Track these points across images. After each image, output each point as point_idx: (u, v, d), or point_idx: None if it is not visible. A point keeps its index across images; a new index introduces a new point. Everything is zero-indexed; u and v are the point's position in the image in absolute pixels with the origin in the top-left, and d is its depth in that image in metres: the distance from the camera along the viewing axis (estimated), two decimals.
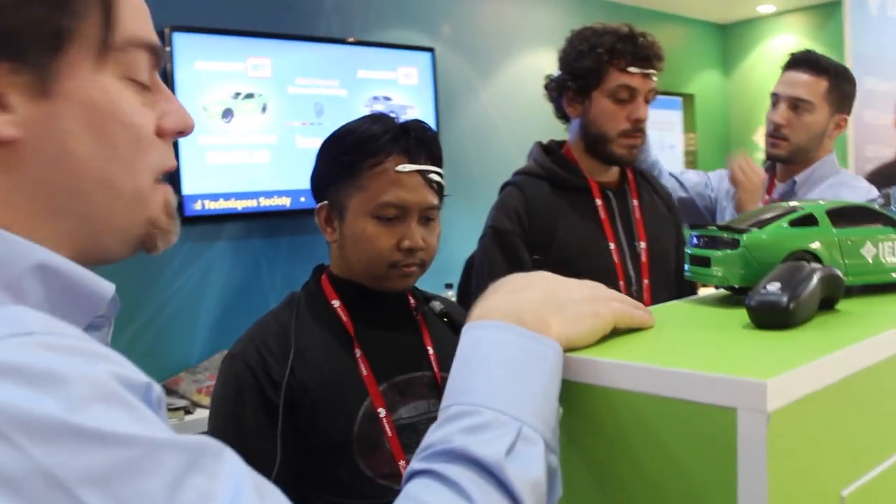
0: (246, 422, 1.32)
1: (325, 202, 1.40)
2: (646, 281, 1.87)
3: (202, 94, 2.85)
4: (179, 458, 0.46)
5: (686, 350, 0.63)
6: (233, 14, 2.99)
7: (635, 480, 0.59)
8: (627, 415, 0.59)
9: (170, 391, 2.58)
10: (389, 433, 1.31)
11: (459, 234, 2.83)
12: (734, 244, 0.82)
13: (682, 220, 2.07)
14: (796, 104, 2.17)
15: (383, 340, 1.41)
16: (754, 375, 0.52)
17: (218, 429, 1.35)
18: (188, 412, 2.45)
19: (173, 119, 0.65)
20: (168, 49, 2.73)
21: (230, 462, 0.48)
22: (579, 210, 1.86)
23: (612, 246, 1.84)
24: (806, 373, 0.54)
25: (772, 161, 2.27)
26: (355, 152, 1.35)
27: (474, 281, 1.89)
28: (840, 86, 2.19)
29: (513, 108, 4.02)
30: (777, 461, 0.52)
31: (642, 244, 1.87)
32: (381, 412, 1.32)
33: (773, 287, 0.70)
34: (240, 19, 3.01)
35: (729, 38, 5.61)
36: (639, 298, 1.84)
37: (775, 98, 2.22)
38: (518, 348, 0.61)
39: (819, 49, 5.04)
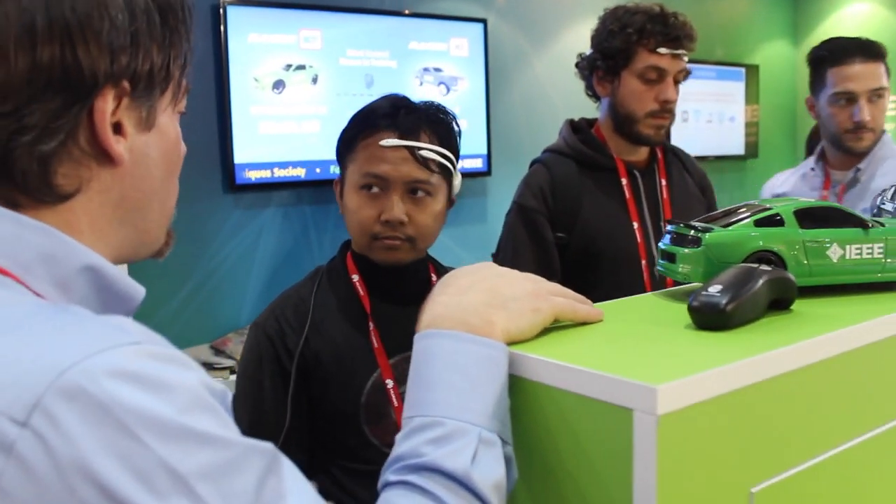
0: (264, 387, 1.41)
1: (339, 177, 1.48)
2: None
3: (255, 65, 2.94)
4: (262, 460, 0.53)
5: (611, 349, 0.67)
6: None
7: (554, 468, 0.64)
8: (550, 407, 0.64)
9: (218, 351, 2.71)
10: (396, 403, 1.38)
11: (508, 206, 2.87)
12: (697, 242, 0.85)
13: (715, 198, 2.07)
14: (875, 95, 2.11)
15: (398, 315, 1.47)
16: (651, 380, 0.56)
17: (241, 391, 1.45)
18: (233, 371, 2.57)
19: (184, 151, 0.75)
20: (222, 21, 2.82)
21: (287, 465, 0.56)
22: (604, 189, 1.88)
23: (635, 225, 1.86)
24: (701, 380, 0.57)
25: (851, 154, 2.16)
26: (353, 128, 1.42)
27: (499, 255, 1.93)
28: (886, 61, 2.14)
29: (566, 80, 3.97)
30: (668, 458, 0.56)
31: None
32: (389, 383, 1.39)
33: (715, 289, 0.73)
34: None
35: (800, 7, 5.42)
36: (661, 277, 1.86)
37: (849, 96, 2.11)
38: (470, 356, 0.66)
39: None
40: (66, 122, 0.61)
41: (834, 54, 2.14)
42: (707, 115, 4.54)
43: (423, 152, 1.38)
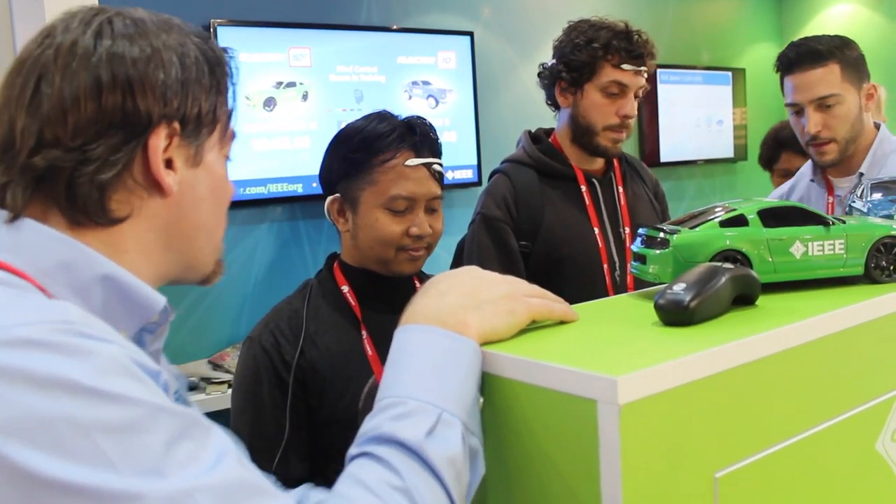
0: (262, 399, 1.45)
1: (338, 195, 1.52)
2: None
3: (245, 84, 2.99)
4: (175, 422, 0.59)
5: (580, 346, 0.71)
6: (274, 7, 3.11)
7: (527, 459, 0.68)
8: (522, 402, 0.68)
9: (216, 366, 2.74)
10: None
11: None
12: (665, 244, 0.89)
13: (668, 206, 2.12)
14: (823, 104, 1.95)
15: (389, 322, 1.48)
16: (613, 372, 0.60)
17: (238, 405, 1.49)
18: (231, 385, 2.60)
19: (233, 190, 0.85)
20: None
21: (217, 436, 0.61)
22: (565, 197, 1.93)
23: (596, 231, 1.91)
24: (661, 371, 0.61)
25: (822, 168, 2.05)
26: (365, 150, 1.46)
27: (465, 265, 1.98)
28: (848, 58, 1.95)
29: None
30: (632, 446, 0.60)
31: (627, 230, 1.93)
32: None
33: (679, 287, 0.78)
34: (281, 11, 3.12)
35: (785, 9, 5.48)
36: (622, 281, 1.90)
37: (796, 108, 2.00)
38: (438, 347, 0.71)
39: (881, 19, 4.89)
40: (123, 156, 0.71)
41: (787, 62, 2.00)
42: (695, 120, 4.60)
43: (435, 167, 1.47)
